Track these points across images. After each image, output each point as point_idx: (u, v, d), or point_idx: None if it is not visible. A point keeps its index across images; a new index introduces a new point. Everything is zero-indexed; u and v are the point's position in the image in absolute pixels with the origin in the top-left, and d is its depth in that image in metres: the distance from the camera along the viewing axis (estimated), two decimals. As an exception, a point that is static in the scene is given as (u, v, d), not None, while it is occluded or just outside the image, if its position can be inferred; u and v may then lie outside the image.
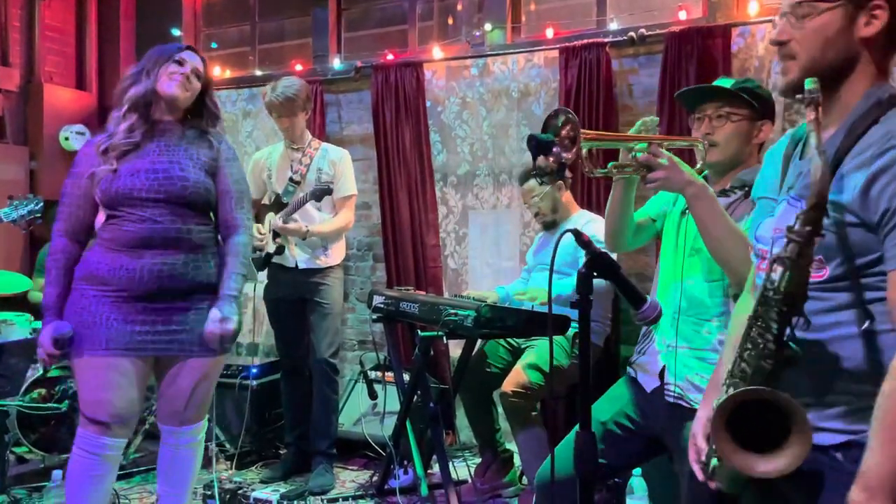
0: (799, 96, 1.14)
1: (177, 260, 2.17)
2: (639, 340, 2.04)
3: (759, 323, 1.15)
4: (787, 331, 1.12)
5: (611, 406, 1.96)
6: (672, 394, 1.87)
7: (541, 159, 1.62)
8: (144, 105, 2.22)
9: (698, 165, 1.91)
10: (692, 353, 1.85)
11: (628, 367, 2.07)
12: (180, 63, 2.24)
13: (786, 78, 1.22)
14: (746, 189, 1.86)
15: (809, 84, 1.12)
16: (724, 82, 1.95)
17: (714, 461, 1.22)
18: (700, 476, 1.26)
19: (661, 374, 1.90)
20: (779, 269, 1.11)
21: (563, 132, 1.62)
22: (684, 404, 1.84)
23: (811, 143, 1.09)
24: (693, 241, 1.85)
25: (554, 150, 1.62)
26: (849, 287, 1.14)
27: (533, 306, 3.03)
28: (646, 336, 2.00)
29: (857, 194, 1.10)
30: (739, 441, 1.12)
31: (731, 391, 1.18)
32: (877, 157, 1.09)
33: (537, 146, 1.61)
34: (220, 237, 2.34)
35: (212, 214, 2.33)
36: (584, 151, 1.65)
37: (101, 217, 2.24)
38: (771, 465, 1.10)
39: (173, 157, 2.22)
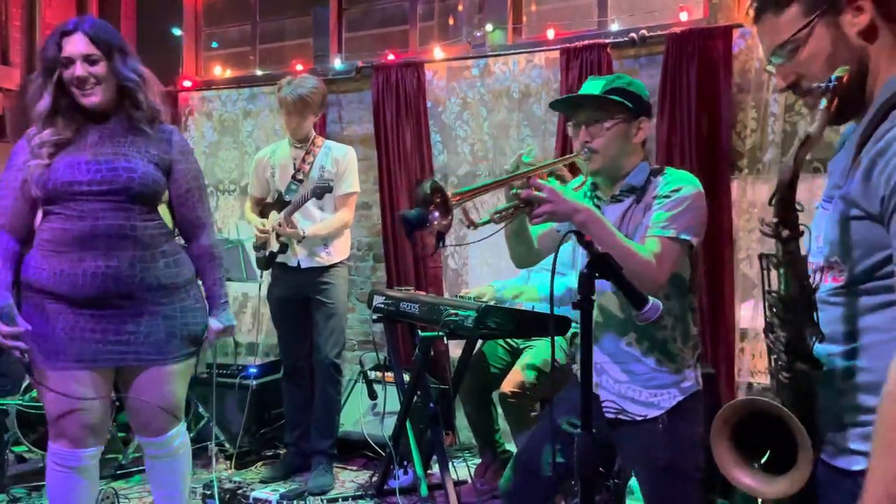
0: (816, 84, 1.09)
1: (122, 261, 2.00)
2: (572, 350, 2.03)
3: (771, 331, 1.11)
4: (803, 342, 1.07)
5: (563, 407, 1.94)
6: (611, 410, 1.86)
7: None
8: (57, 113, 2.03)
9: (581, 177, 1.90)
10: (619, 368, 1.84)
11: (573, 367, 2.06)
12: (66, 64, 1.99)
13: (827, 112, 1.09)
14: (637, 194, 1.86)
15: (839, 72, 1.07)
16: (594, 86, 1.88)
17: None
18: None
19: (596, 397, 1.87)
20: (774, 270, 1.07)
21: (436, 200, 1.60)
22: (625, 418, 1.84)
23: (810, 129, 1.04)
24: None
25: (430, 219, 1.61)
26: (871, 290, 1.07)
27: (534, 306, 3.03)
28: (572, 343, 1.98)
29: (858, 183, 1.05)
30: (750, 457, 1.09)
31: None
32: (876, 142, 1.04)
33: (412, 224, 1.59)
34: (177, 236, 2.21)
35: (159, 210, 2.17)
36: (461, 210, 1.63)
37: (39, 217, 2.07)
38: (761, 487, 1.06)
39: (119, 149, 2.04)
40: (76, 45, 2.00)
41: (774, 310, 1.09)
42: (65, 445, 2.06)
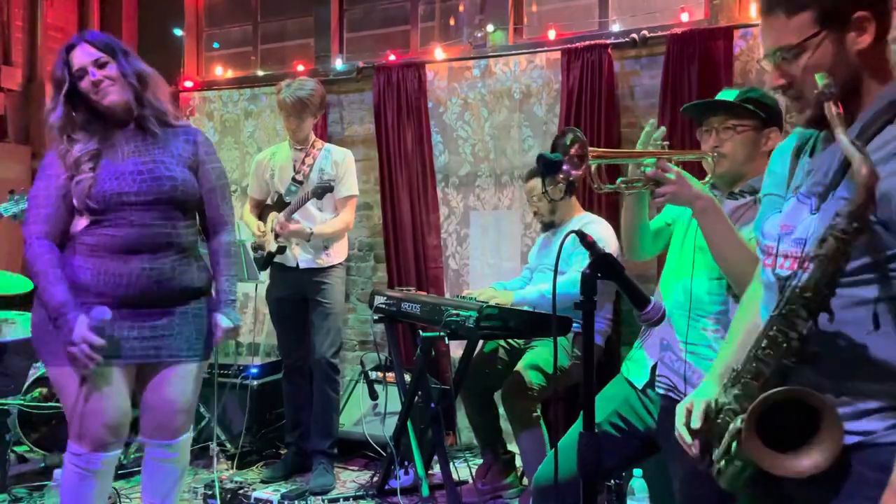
0: (816, 91, 1.13)
1: (164, 264, 2.08)
2: (640, 334, 2.06)
3: (783, 322, 1.13)
4: (816, 328, 1.12)
5: (605, 406, 1.96)
6: (663, 385, 1.89)
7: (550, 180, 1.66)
8: (83, 124, 2.08)
9: (707, 177, 1.92)
10: (687, 348, 1.87)
11: (623, 366, 2.08)
12: (81, 76, 2.05)
13: (804, 116, 1.21)
14: (756, 195, 1.87)
15: (821, 80, 1.12)
16: (729, 94, 1.95)
17: (722, 463, 1.21)
18: (693, 453, 1.28)
19: (654, 369, 1.92)
20: (811, 267, 1.10)
21: (572, 151, 1.64)
22: (674, 396, 1.85)
23: (841, 139, 1.08)
24: (700, 240, 1.86)
25: (563, 168, 1.65)
26: (864, 282, 1.12)
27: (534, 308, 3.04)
28: (647, 329, 2.01)
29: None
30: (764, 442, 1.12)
31: (738, 391, 1.18)
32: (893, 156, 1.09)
33: (546, 165, 1.63)
34: (203, 235, 2.28)
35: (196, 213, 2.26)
36: (592, 168, 1.67)
37: (80, 223, 2.10)
38: (806, 463, 1.10)
39: (155, 157, 2.11)
40: (83, 54, 2.07)
41: (797, 303, 1.11)
42: (87, 449, 2.07)
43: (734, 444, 1.17)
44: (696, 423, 1.27)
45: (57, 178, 2.08)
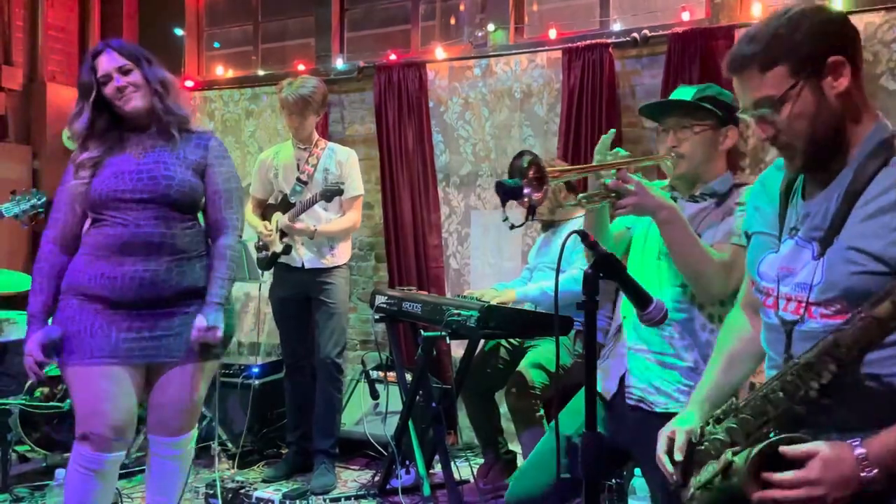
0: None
1: (159, 266, 2.09)
2: (605, 342, 2.04)
3: (807, 371, 1.13)
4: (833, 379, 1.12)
5: (574, 419, 1.95)
6: (633, 397, 1.87)
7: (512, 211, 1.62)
8: (94, 132, 2.15)
9: (667, 180, 1.91)
10: (653, 357, 1.85)
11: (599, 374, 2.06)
12: (105, 81, 2.11)
13: (794, 165, 1.23)
14: (717, 198, 1.87)
15: None
16: (685, 93, 1.92)
17: (695, 489, 1.22)
18: (673, 480, 1.30)
19: (622, 379, 1.89)
20: (857, 324, 1.09)
21: (530, 173, 1.63)
22: (645, 407, 1.84)
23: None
24: (660, 246, 1.85)
25: (524, 192, 1.63)
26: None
27: (535, 307, 3.04)
28: (611, 339, 1.99)
29: (878, 239, 1.10)
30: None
31: (733, 424, 1.19)
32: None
33: (506, 193, 1.61)
34: (208, 238, 2.28)
35: (199, 215, 2.26)
36: (552, 187, 1.66)
37: (87, 225, 2.19)
38: None
39: (158, 157, 2.14)
40: (109, 61, 2.13)
41: (835, 356, 1.11)
42: (91, 449, 2.08)
43: (717, 476, 1.18)
44: (679, 456, 1.29)
45: (67, 184, 2.17)
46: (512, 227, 1.79)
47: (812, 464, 1.08)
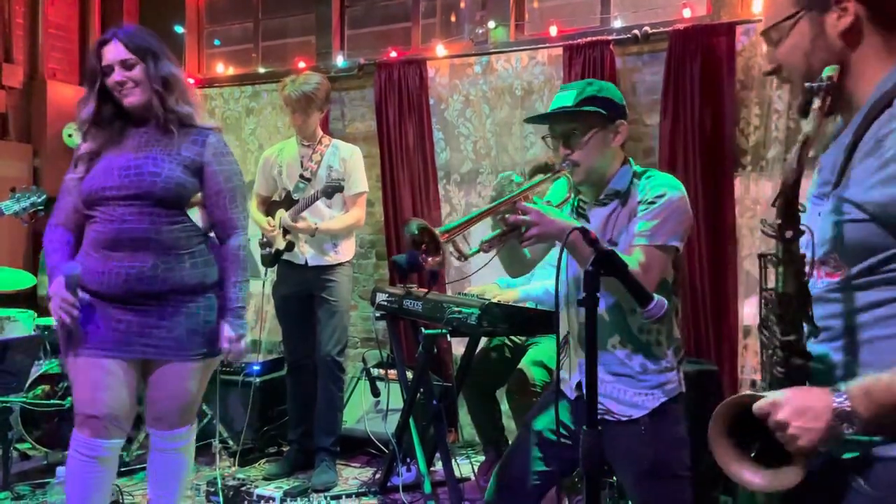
0: (808, 84, 1.09)
1: (145, 263, 2.07)
2: (559, 351, 2.04)
3: (766, 328, 1.12)
4: (798, 338, 1.08)
5: (544, 414, 1.94)
6: (599, 410, 1.86)
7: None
8: (100, 121, 2.15)
9: (569, 191, 1.89)
10: (603, 369, 1.82)
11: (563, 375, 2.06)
12: (107, 72, 2.10)
13: (797, 103, 1.16)
14: (621, 198, 1.85)
15: (828, 71, 1.08)
16: (566, 97, 1.85)
17: None
18: None
19: (579, 386, 1.87)
20: (773, 269, 1.08)
21: (425, 240, 1.61)
22: (610, 419, 1.83)
23: (805, 129, 1.06)
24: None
25: (422, 260, 1.61)
26: (866, 285, 1.07)
27: (537, 306, 3.03)
28: (562, 349, 1.98)
29: (862, 186, 1.05)
30: (749, 452, 1.09)
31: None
32: (879, 145, 1.04)
33: (408, 268, 1.60)
34: (213, 237, 2.26)
35: (190, 212, 2.23)
36: (450, 246, 1.64)
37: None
38: (763, 481, 1.07)
39: (150, 153, 2.12)
40: (113, 52, 2.11)
41: (771, 307, 1.10)
42: (88, 435, 2.10)
43: None
44: None
45: (69, 175, 2.19)
46: (426, 293, 1.74)
47: (782, 391, 1.05)
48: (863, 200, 1.04)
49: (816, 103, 1.07)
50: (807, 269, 1.13)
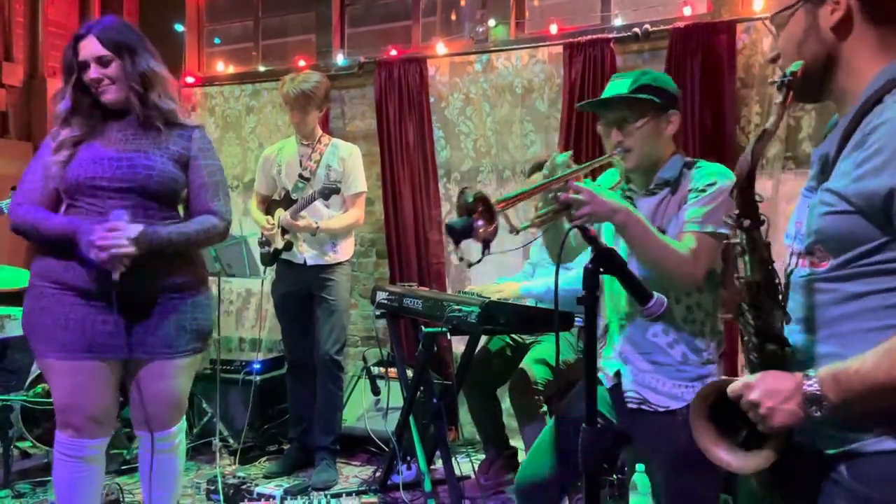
0: (773, 79, 1.15)
1: (137, 259, 1.96)
2: (579, 346, 2.04)
3: (741, 315, 1.15)
4: (771, 324, 1.11)
5: (581, 403, 1.95)
6: (633, 400, 1.87)
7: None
8: (85, 111, 2.07)
9: (619, 177, 1.90)
10: (643, 358, 1.85)
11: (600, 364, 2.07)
12: (83, 67, 2.04)
13: (782, 107, 1.18)
14: (671, 186, 1.86)
15: (793, 67, 1.11)
16: (621, 85, 1.87)
17: None
18: None
19: (618, 375, 1.89)
20: (739, 258, 1.12)
21: (479, 208, 1.61)
22: (647, 409, 1.84)
23: (766, 123, 1.10)
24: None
25: (476, 227, 1.61)
26: (847, 277, 1.09)
27: (536, 303, 3.03)
28: (602, 337, 1.99)
29: (848, 179, 1.07)
30: (726, 433, 1.13)
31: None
32: (865, 139, 1.06)
33: (460, 233, 1.60)
34: None
35: (180, 209, 2.19)
36: (502, 219, 1.63)
37: (62, 209, 2.09)
38: (738, 462, 1.10)
39: (139, 146, 2.06)
40: (89, 48, 2.05)
41: (743, 294, 1.13)
42: (70, 435, 2.07)
43: None
44: None
45: (44, 159, 2.10)
46: (469, 265, 1.75)
47: (756, 374, 1.09)
48: (848, 192, 1.06)
49: (778, 98, 1.11)
50: (793, 258, 1.18)
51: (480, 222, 1.61)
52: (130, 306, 2.03)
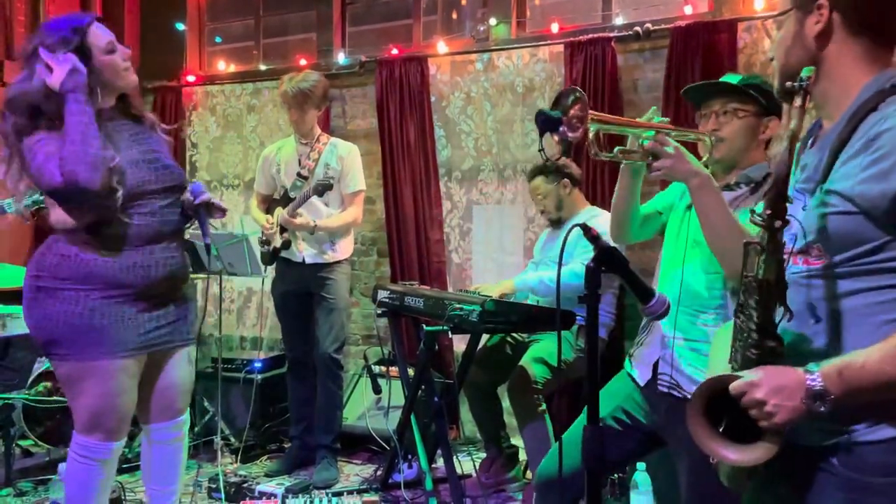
0: (789, 84, 1.17)
1: (177, 251, 2.18)
2: (639, 331, 2.04)
3: (743, 312, 1.16)
4: (772, 322, 1.13)
5: (609, 401, 1.95)
6: (665, 383, 1.87)
7: (549, 149, 1.62)
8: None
9: (703, 160, 1.89)
10: (687, 345, 1.86)
11: (626, 361, 2.07)
12: (111, 49, 2.06)
13: (802, 109, 1.21)
14: (752, 185, 1.87)
15: (805, 72, 1.15)
16: (731, 78, 1.93)
17: None
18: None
19: (655, 366, 1.90)
20: (756, 256, 1.13)
21: (573, 111, 1.61)
22: (676, 394, 1.84)
23: (790, 126, 1.13)
24: (695, 233, 1.84)
25: (561, 128, 1.61)
26: (847, 274, 1.12)
27: (539, 301, 3.04)
28: (646, 326, 2.00)
29: (851, 181, 1.09)
30: (721, 428, 1.13)
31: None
32: (869, 143, 1.10)
33: (545, 122, 1.60)
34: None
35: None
36: (591, 134, 1.64)
37: (83, 217, 2.02)
38: (738, 456, 1.11)
39: (152, 146, 2.15)
40: (106, 32, 2.08)
41: (750, 292, 1.14)
42: (99, 438, 2.08)
43: None
44: None
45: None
46: (546, 160, 1.75)
47: (756, 371, 1.10)
48: (853, 194, 1.09)
49: (797, 101, 1.15)
50: (786, 256, 1.19)
51: (566, 125, 1.61)
52: (173, 298, 2.17)
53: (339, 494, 3.16)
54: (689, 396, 1.80)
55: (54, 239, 2.09)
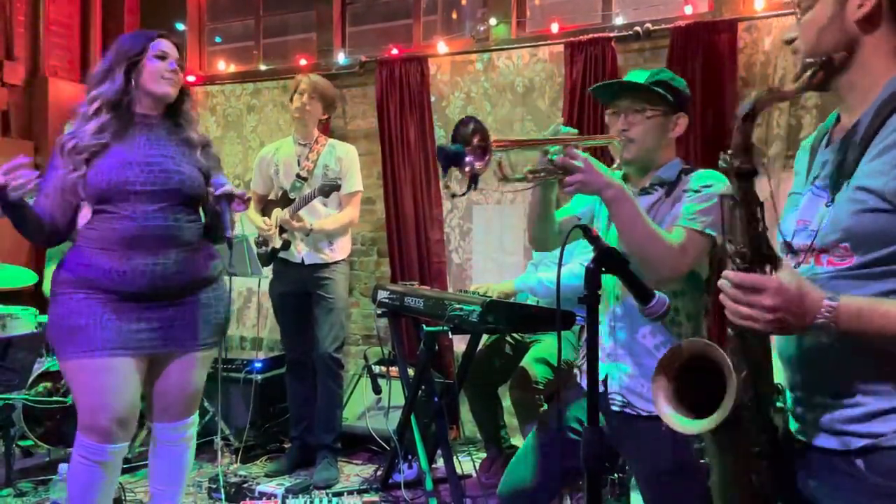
0: (808, 60, 1.13)
1: (168, 259, 2.11)
2: (579, 345, 2.01)
3: (731, 264, 1.13)
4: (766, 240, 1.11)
5: (566, 411, 1.92)
6: (617, 403, 1.85)
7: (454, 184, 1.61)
8: (119, 104, 2.14)
9: (616, 164, 1.88)
10: (631, 360, 1.83)
11: (575, 371, 2.05)
12: (163, 57, 2.18)
13: (809, 82, 1.16)
14: (667, 187, 1.85)
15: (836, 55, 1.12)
16: (638, 76, 1.87)
17: None
18: None
19: (605, 382, 1.86)
20: (731, 211, 1.11)
21: (474, 141, 1.60)
22: (630, 412, 1.82)
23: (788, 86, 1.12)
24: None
25: (465, 160, 1.60)
26: (880, 275, 1.07)
27: (539, 302, 3.04)
28: (580, 337, 1.97)
29: (884, 177, 1.05)
30: (689, 401, 1.14)
31: None
32: None
33: (447, 157, 1.58)
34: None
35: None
36: (497, 159, 1.63)
37: (85, 214, 2.17)
38: (683, 427, 1.12)
39: (165, 151, 2.17)
40: (172, 48, 2.22)
41: (732, 241, 1.12)
42: (94, 440, 2.09)
43: None
44: None
45: (57, 176, 2.13)
46: (453, 196, 1.74)
47: (774, 278, 1.06)
48: (885, 191, 1.05)
49: (807, 74, 1.11)
50: (801, 254, 1.17)
51: (470, 157, 1.60)
52: (163, 303, 2.13)
53: (339, 494, 3.16)
54: (642, 414, 1.79)
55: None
